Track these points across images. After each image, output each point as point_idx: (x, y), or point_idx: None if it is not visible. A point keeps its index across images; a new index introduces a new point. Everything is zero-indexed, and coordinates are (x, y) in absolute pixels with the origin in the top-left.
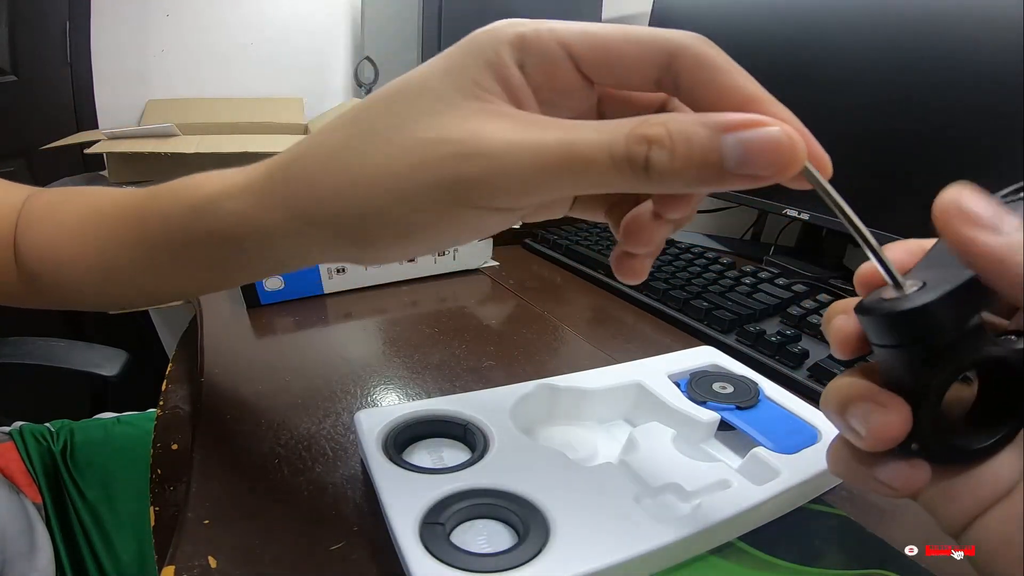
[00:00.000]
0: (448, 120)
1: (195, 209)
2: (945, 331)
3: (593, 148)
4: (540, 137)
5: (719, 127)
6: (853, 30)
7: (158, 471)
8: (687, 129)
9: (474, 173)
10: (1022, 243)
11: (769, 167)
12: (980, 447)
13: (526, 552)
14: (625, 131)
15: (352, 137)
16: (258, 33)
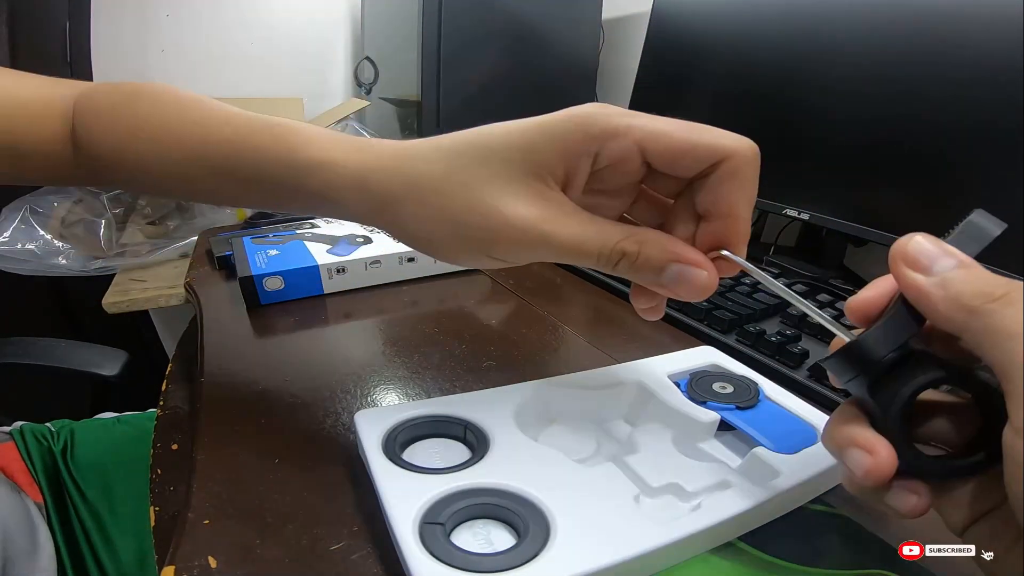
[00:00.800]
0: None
1: (294, 167)
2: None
3: (589, 246)
4: (560, 232)
5: (672, 258)
6: (853, 29)
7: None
8: (652, 253)
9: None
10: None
11: (687, 294)
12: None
13: (526, 552)
14: (614, 241)
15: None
16: (258, 33)
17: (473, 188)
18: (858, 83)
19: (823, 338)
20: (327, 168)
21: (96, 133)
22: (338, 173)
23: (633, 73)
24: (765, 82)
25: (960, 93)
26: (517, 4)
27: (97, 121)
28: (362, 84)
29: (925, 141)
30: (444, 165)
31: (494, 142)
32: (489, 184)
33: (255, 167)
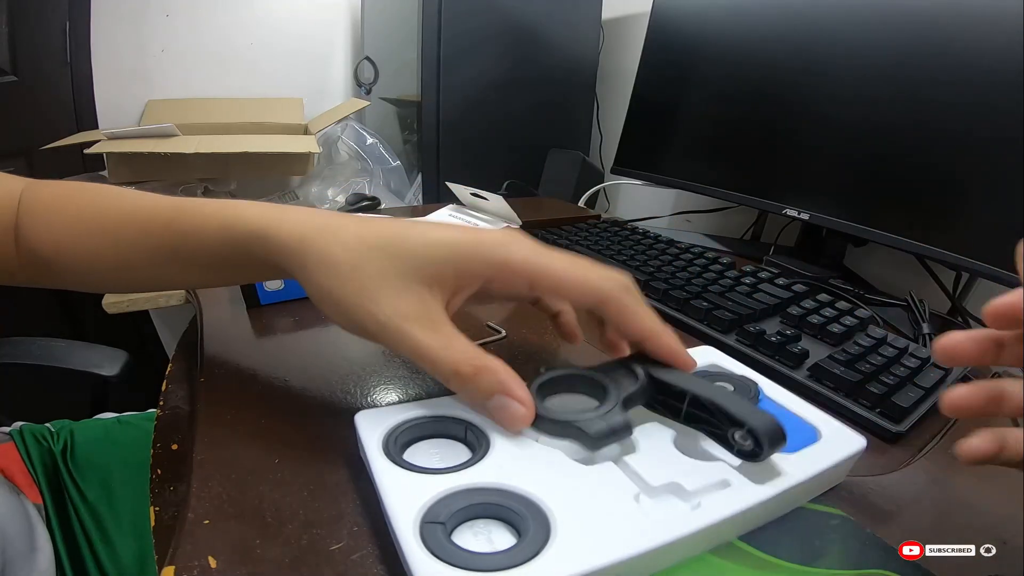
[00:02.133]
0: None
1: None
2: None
3: (432, 361)
4: (416, 337)
5: (501, 390)
6: (854, 29)
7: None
8: (483, 379)
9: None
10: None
11: (501, 422)
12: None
13: (526, 551)
14: (454, 362)
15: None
16: (258, 33)
17: (368, 280)
18: (858, 83)
19: (823, 338)
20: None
21: (38, 228)
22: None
23: (633, 73)
24: (765, 82)
25: (960, 93)
26: (517, 4)
27: (39, 216)
28: (362, 84)
29: (925, 141)
30: (353, 254)
31: (407, 246)
32: (383, 280)
33: (199, 247)
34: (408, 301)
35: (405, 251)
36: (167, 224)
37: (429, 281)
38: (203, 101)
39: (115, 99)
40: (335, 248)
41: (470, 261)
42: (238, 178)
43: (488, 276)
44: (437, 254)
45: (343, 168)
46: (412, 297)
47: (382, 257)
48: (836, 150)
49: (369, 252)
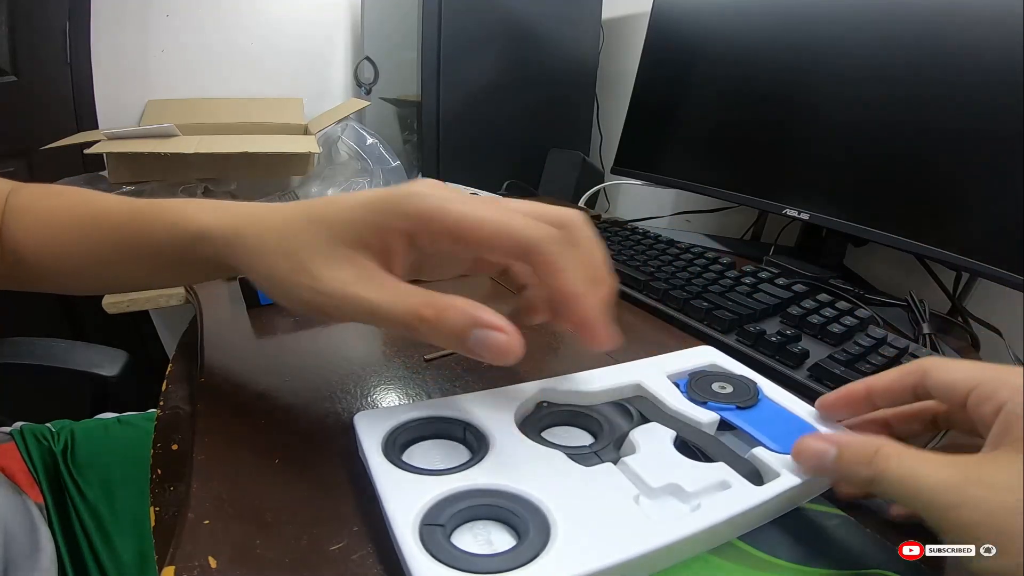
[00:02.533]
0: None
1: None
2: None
3: (388, 313)
4: (361, 294)
5: (472, 323)
6: (854, 29)
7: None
8: (452, 318)
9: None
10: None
11: (491, 358)
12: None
13: (526, 553)
14: (412, 307)
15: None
16: (258, 33)
17: (299, 254)
18: (858, 83)
19: (823, 338)
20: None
21: (16, 230)
22: (210, 238)
23: (633, 73)
24: (765, 82)
25: (960, 93)
26: (517, 4)
27: (19, 218)
28: (362, 84)
29: (925, 141)
30: (284, 236)
31: (327, 215)
32: (312, 251)
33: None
34: (343, 267)
35: (328, 220)
36: (125, 224)
37: (356, 244)
38: (203, 101)
39: (115, 99)
40: (266, 234)
41: (387, 215)
42: (238, 178)
43: (408, 229)
44: (356, 216)
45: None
46: (346, 262)
47: (309, 231)
48: (836, 150)
49: (296, 229)
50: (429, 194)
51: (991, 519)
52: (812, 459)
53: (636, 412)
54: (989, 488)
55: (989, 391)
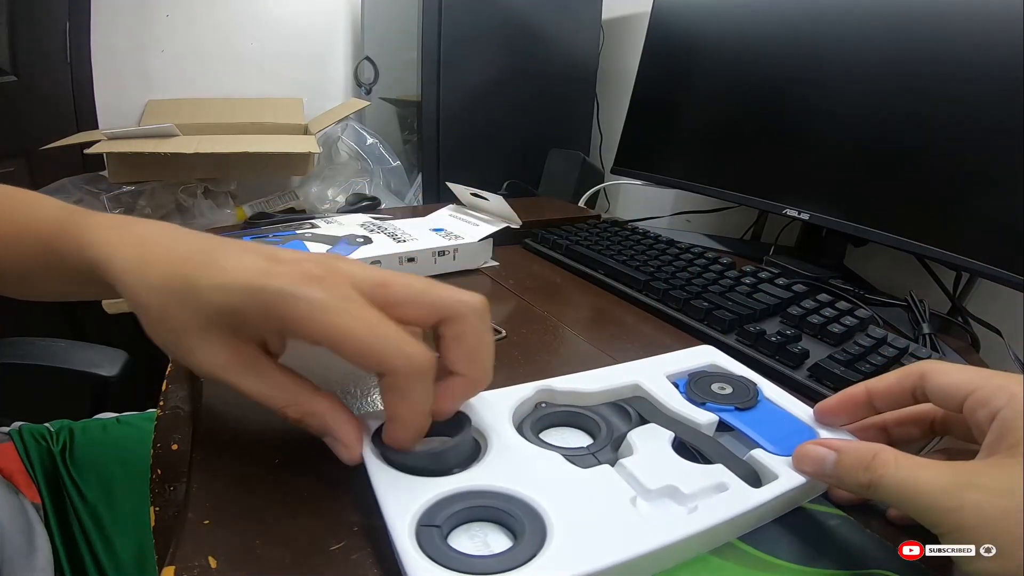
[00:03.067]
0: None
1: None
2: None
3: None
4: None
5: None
6: (854, 29)
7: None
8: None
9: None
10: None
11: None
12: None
13: (523, 554)
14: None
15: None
16: (258, 33)
17: (176, 332)
18: (858, 83)
19: (824, 338)
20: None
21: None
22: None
23: (633, 73)
24: (765, 82)
25: (960, 93)
26: (517, 4)
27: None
28: (362, 84)
29: (925, 141)
30: (158, 300)
31: (200, 294)
32: (188, 330)
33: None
34: (218, 351)
35: (200, 301)
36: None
37: (231, 329)
38: (203, 101)
39: (115, 99)
40: (143, 292)
41: (257, 314)
42: (238, 178)
43: (278, 330)
44: (229, 302)
45: (343, 168)
46: (220, 347)
47: (182, 308)
48: (836, 150)
49: (171, 301)
50: (305, 301)
51: (989, 523)
52: (812, 464)
53: (635, 413)
54: (986, 492)
55: (985, 396)
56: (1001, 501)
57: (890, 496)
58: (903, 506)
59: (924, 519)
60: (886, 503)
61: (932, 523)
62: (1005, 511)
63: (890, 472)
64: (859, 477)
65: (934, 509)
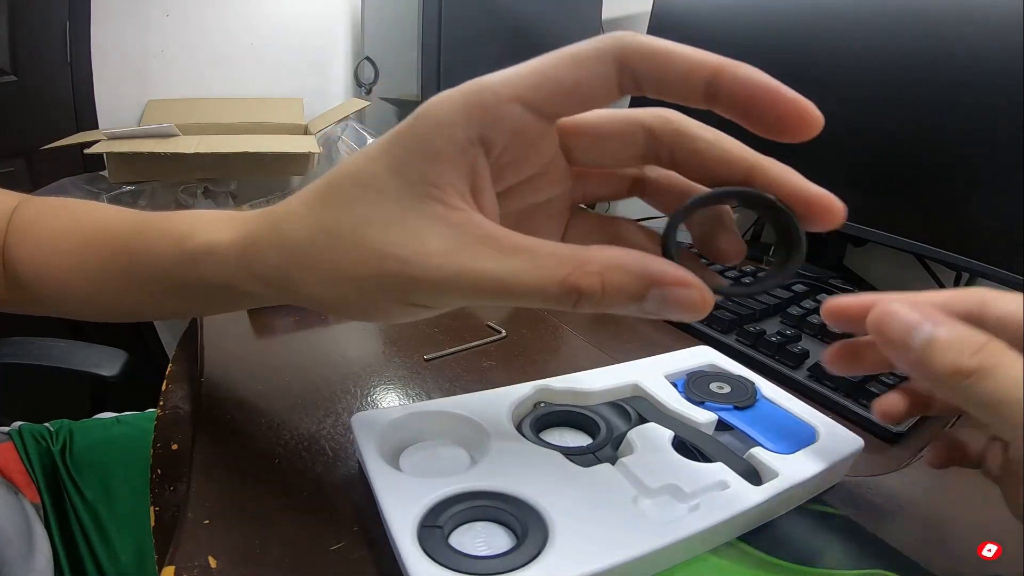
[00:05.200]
0: (398, 233)
1: (184, 258)
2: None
3: (526, 288)
4: (478, 268)
5: (651, 281)
6: (854, 30)
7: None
8: (621, 281)
9: (417, 291)
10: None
11: (676, 317)
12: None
13: (525, 554)
14: (560, 276)
15: (317, 236)
16: (258, 33)
17: (354, 237)
18: (859, 83)
19: (823, 338)
20: (213, 252)
21: (17, 250)
22: (224, 255)
23: None
24: None
25: (961, 93)
26: (517, 4)
27: (21, 236)
28: (362, 84)
29: (925, 141)
30: (315, 219)
31: (361, 173)
32: (372, 226)
33: (151, 266)
34: (431, 227)
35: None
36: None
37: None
38: (203, 101)
39: (115, 99)
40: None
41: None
42: (238, 178)
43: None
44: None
45: None
46: (431, 220)
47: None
48: (836, 150)
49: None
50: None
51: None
52: (898, 330)
53: (634, 412)
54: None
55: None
56: None
57: (996, 396)
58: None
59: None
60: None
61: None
62: None
63: (1008, 364)
64: (963, 361)
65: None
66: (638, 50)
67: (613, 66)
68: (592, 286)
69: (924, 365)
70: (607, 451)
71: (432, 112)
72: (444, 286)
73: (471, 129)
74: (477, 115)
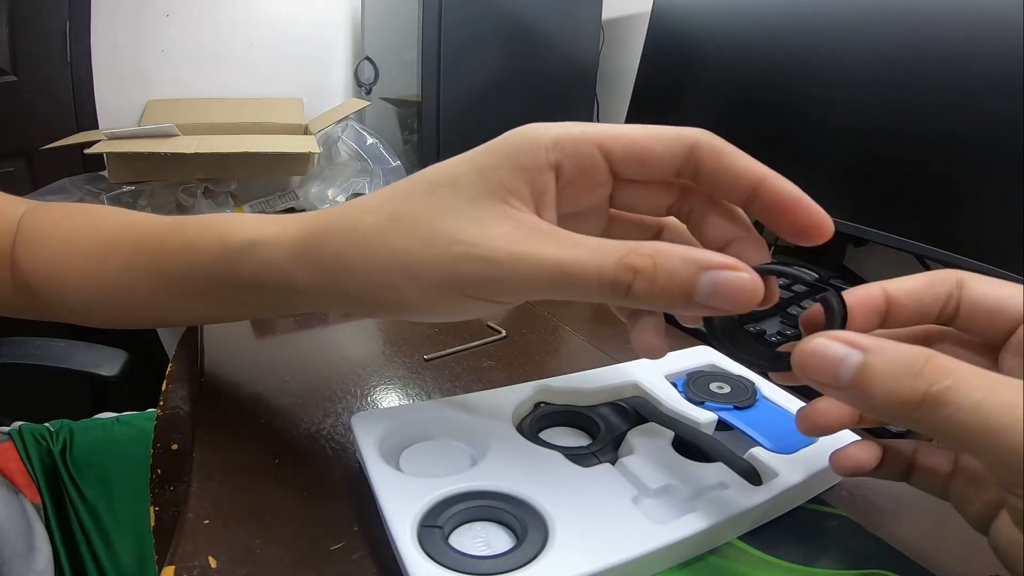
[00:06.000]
0: (468, 222)
1: (227, 252)
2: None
3: (584, 270)
4: (539, 252)
5: (701, 265)
6: (854, 30)
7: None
8: (672, 265)
9: (478, 274)
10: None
11: (730, 305)
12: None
13: (525, 554)
14: (616, 258)
15: (389, 223)
16: (258, 33)
17: (426, 224)
18: (859, 84)
19: None
20: (263, 244)
21: (28, 256)
22: (276, 246)
23: (633, 73)
24: (766, 83)
25: (961, 93)
26: (517, 4)
27: (31, 243)
28: (362, 84)
29: (925, 141)
30: (389, 208)
31: (439, 174)
32: (444, 216)
33: (193, 266)
34: (496, 223)
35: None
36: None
37: (498, 192)
38: (203, 101)
39: (115, 99)
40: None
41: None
42: (238, 178)
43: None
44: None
45: (343, 168)
46: (497, 218)
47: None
48: (836, 150)
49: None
50: (558, 124)
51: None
52: (821, 368)
53: (634, 412)
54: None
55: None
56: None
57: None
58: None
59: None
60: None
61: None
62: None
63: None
64: (903, 388)
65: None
66: (711, 147)
67: (684, 151)
68: (646, 267)
69: (862, 400)
70: (607, 451)
71: (528, 131)
72: (506, 267)
73: (552, 153)
74: (562, 143)
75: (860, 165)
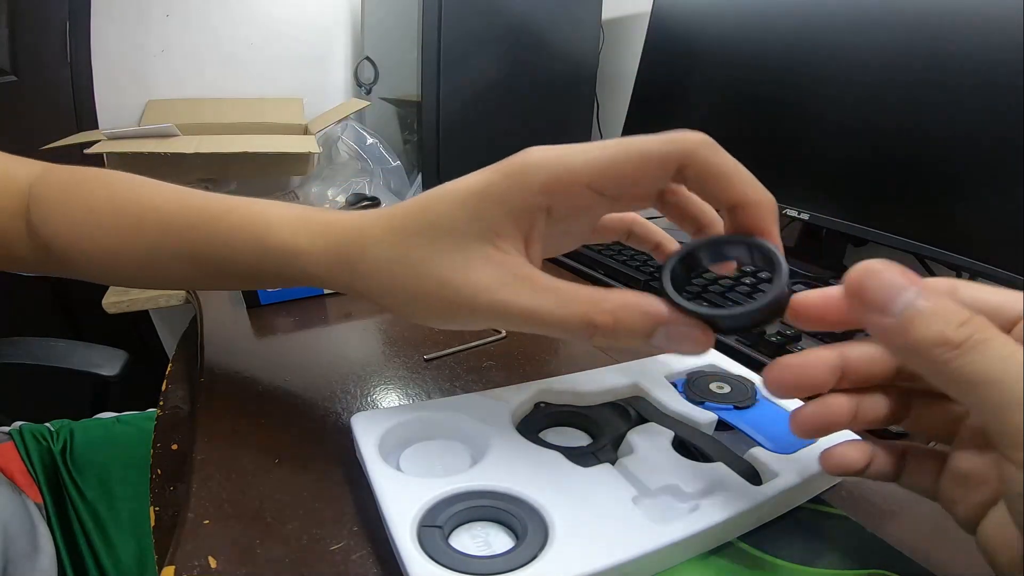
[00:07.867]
0: (456, 269)
1: (267, 253)
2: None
3: (552, 319)
4: (514, 302)
5: (657, 321)
6: (854, 30)
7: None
8: (632, 320)
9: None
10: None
11: (682, 351)
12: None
13: (525, 554)
14: (580, 312)
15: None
16: (258, 33)
17: (423, 264)
18: (859, 83)
19: (824, 338)
20: (302, 255)
21: (50, 219)
22: (316, 263)
23: (633, 73)
24: (765, 82)
25: (961, 93)
26: (517, 4)
27: (51, 206)
28: (362, 84)
29: (925, 141)
30: (394, 246)
31: (439, 214)
32: (438, 258)
33: (229, 258)
34: (482, 268)
35: (446, 217)
36: (189, 229)
37: (487, 236)
38: (203, 101)
39: (115, 99)
40: (374, 250)
41: (511, 198)
42: (238, 178)
43: (544, 205)
44: (474, 209)
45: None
46: (483, 263)
47: (422, 239)
48: (836, 150)
49: (411, 236)
50: (550, 157)
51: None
52: (880, 293)
53: (634, 412)
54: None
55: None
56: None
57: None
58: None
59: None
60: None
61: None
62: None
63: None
64: (949, 332)
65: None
66: (704, 167)
67: (673, 168)
68: (606, 323)
69: (902, 333)
70: (607, 451)
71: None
72: (486, 314)
73: (543, 199)
74: (552, 190)
75: (860, 165)
